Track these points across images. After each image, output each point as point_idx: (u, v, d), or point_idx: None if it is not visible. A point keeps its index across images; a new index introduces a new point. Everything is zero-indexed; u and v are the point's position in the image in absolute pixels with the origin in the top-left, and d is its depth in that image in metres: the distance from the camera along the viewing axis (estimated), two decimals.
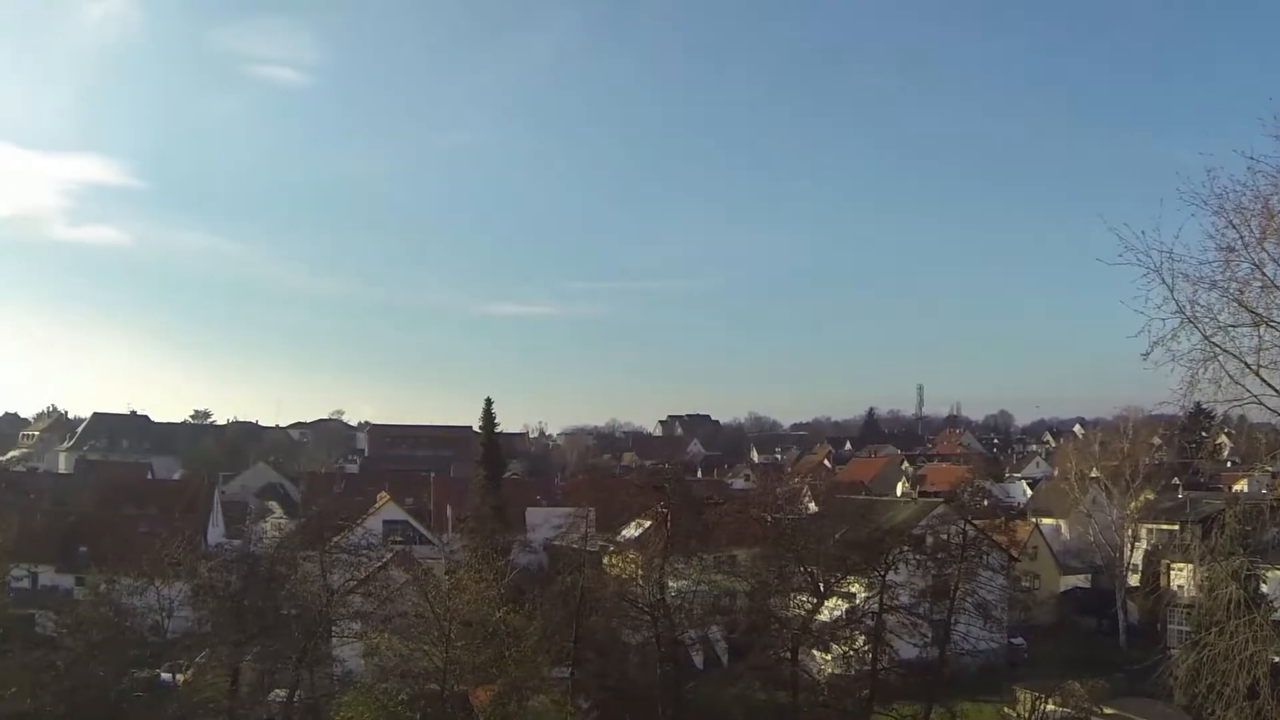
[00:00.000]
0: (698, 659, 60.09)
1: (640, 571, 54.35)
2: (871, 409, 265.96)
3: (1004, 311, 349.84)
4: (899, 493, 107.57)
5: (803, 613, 52.74)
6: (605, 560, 59.47)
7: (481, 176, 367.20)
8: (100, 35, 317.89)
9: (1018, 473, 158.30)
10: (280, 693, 47.55)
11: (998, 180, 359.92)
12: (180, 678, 51.94)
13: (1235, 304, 23.76)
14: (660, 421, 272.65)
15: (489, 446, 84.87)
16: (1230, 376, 23.85)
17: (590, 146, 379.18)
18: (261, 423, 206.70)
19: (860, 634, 50.97)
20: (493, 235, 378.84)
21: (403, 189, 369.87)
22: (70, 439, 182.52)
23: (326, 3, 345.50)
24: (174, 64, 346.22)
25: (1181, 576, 67.22)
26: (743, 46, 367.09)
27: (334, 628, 48.28)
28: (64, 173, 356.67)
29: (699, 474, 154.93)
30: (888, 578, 51.74)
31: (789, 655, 50.63)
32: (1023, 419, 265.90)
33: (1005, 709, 55.03)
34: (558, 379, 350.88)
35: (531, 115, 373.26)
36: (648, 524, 58.74)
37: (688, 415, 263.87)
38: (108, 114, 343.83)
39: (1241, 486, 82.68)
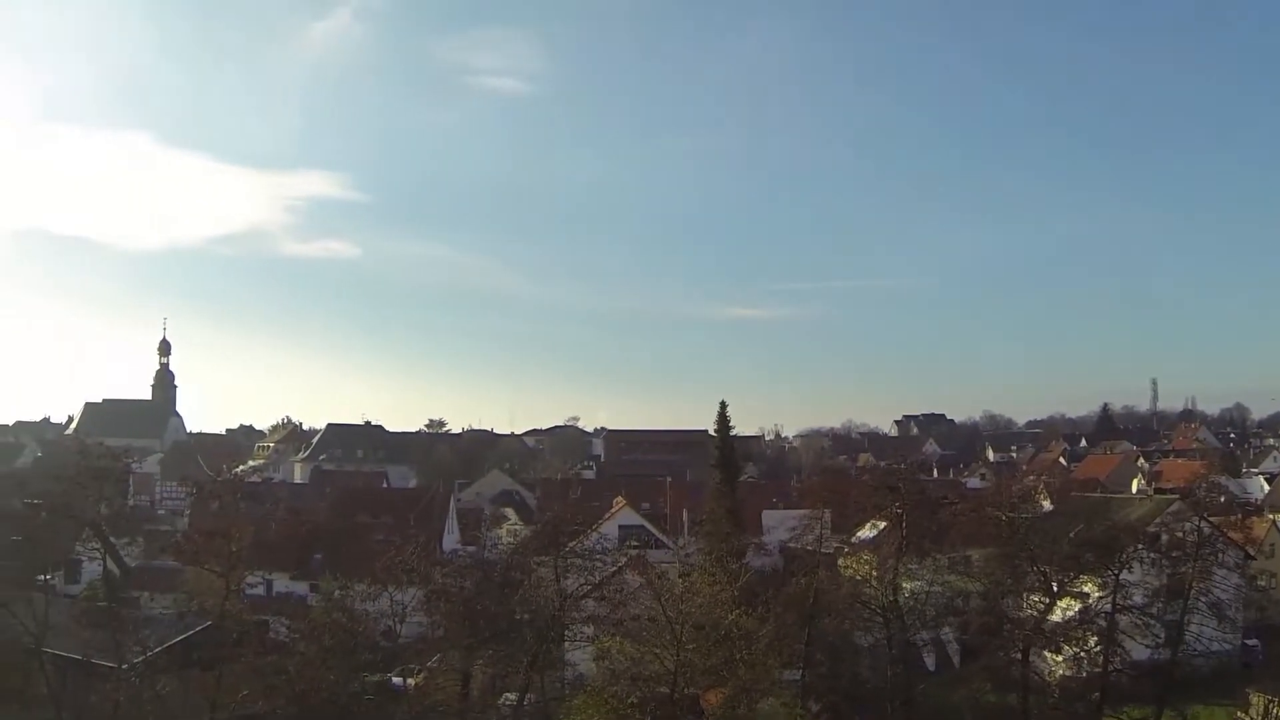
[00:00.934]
0: (929, 660, 62.27)
1: (874, 573, 57.04)
2: (1106, 405, 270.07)
3: (1238, 301, 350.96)
4: (1134, 490, 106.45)
5: (1035, 613, 54.53)
6: (840, 562, 62.02)
7: (702, 180, 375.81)
8: (324, 53, 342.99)
9: (1255, 468, 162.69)
10: (511, 696, 50.90)
11: (1227, 165, 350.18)
12: (411, 682, 55.99)
13: None
14: (895, 421, 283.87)
15: (724, 450, 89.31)
16: None
17: (810, 147, 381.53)
18: (496, 431, 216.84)
19: (1092, 634, 52.37)
20: (720, 238, 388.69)
21: (627, 194, 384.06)
22: (305, 450, 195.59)
23: (545, 13, 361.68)
24: (396, 77, 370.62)
25: None
26: (957, 39, 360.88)
27: (566, 632, 51.09)
28: (291, 189, 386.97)
29: (934, 473, 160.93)
30: (1121, 576, 53.29)
31: (1020, 656, 52.62)
32: (1260, 411, 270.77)
33: (1238, 713, 55.95)
34: (792, 381, 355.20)
35: (748, 117, 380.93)
36: (883, 525, 61.56)
37: (922, 415, 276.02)
38: (332, 130, 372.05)
39: None
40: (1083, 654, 52.54)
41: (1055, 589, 54.30)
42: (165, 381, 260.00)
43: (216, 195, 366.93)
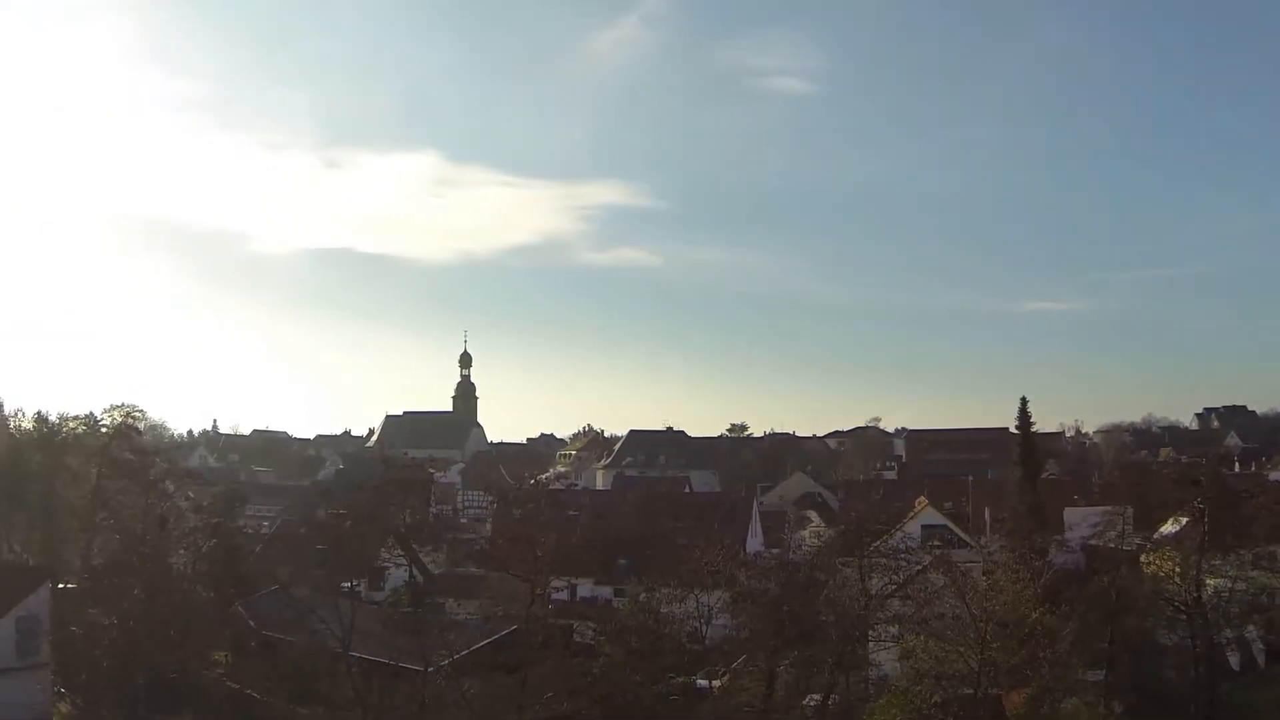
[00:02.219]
0: (1233, 660, 60.22)
1: (1177, 570, 56.23)
2: None
3: None
4: None
5: None
6: (1142, 559, 62.21)
7: (997, 172, 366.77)
8: (613, 62, 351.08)
9: None
10: (815, 697, 51.10)
11: None
12: (716, 683, 56.72)
13: None
14: (1196, 415, 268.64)
15: (1025, 447, 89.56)
16: None
17: (1108, 137, 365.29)
18: (797, 433, 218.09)
19: None
20: (1013, 232, 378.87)
21: (918, 189, 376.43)
22: (607, 457, 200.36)
23: (825, 11, 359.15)
24: (683, 83, 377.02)
25: None
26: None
27: (870, 632, 51.44)
28: (585, 199, 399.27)
29: (1235, 467, 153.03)
30: None
31: None
32: None
33: None
34: (1091, 375, 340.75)
35: (1043, 108, 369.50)
36: (1185, 521, 60.93)
37: (1223, 407, 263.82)
38: (623, 138, 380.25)
39: None
40: None
41: None
42: (467, 393, 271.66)
43: (509, 209, 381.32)
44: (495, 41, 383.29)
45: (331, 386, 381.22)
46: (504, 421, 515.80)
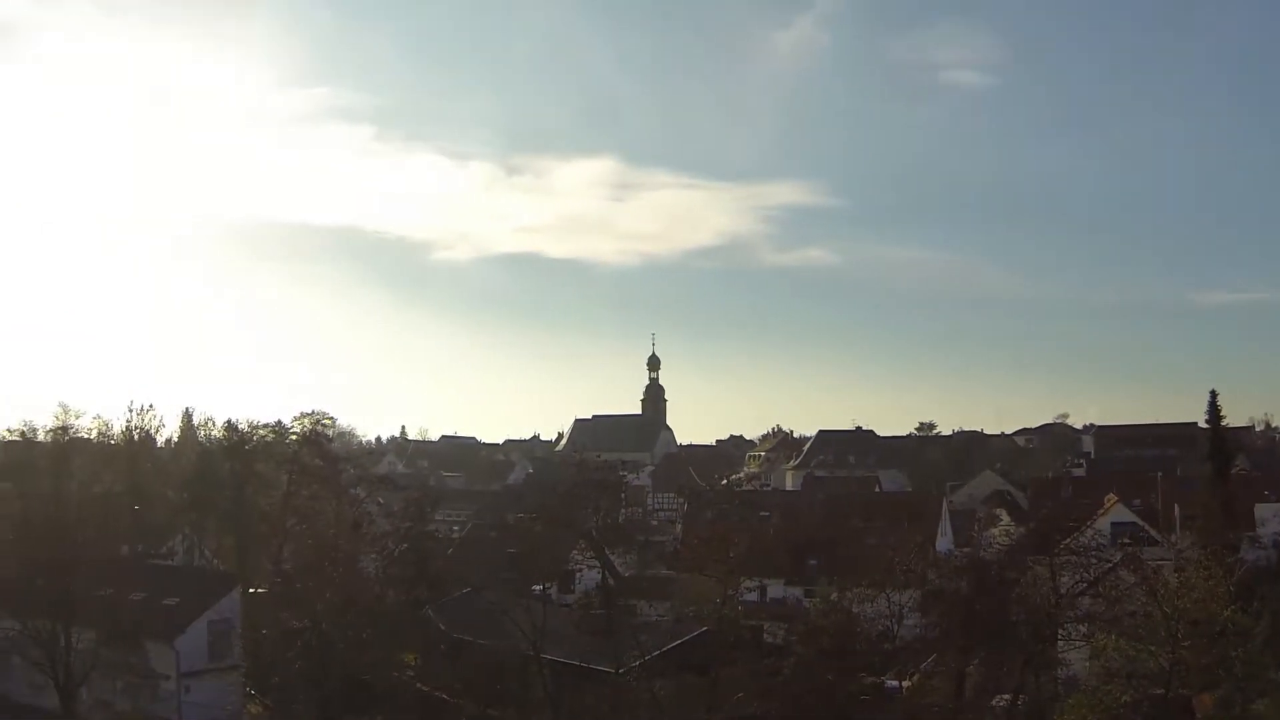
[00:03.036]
0: None
1: None
2: None
3: None
4: None
5: None
6: None
7: (1176, 164, 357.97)
8: (790, 60, 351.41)
9: None
10: (1004, 697, 50.86)
11: None
12: (905, 683, 56.66)
13: None
14: None
15: (1215, 442, 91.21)
16: None
17: None
18: (985, 431, 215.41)
19: None
20: (1195, 224, 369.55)
21: (1098, 181, 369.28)
22: (796, 458, 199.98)
23: (998, 1, 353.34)
24: (861, 80, 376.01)
25: None
26: None
27: (1060, 631, 51.11)
28: (767, 200, 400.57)
29: None
30: None
31: None
32: None
33: None
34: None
35: (1220, 97, 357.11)
36: None
37: None
38: (804, 137, 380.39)
39: None
40: None
41: None
42: (655, 395, 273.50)
43: (692, 211, 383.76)
44: (674, 44, 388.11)
45: (520, 391, 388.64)
46: (693, 423, 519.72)
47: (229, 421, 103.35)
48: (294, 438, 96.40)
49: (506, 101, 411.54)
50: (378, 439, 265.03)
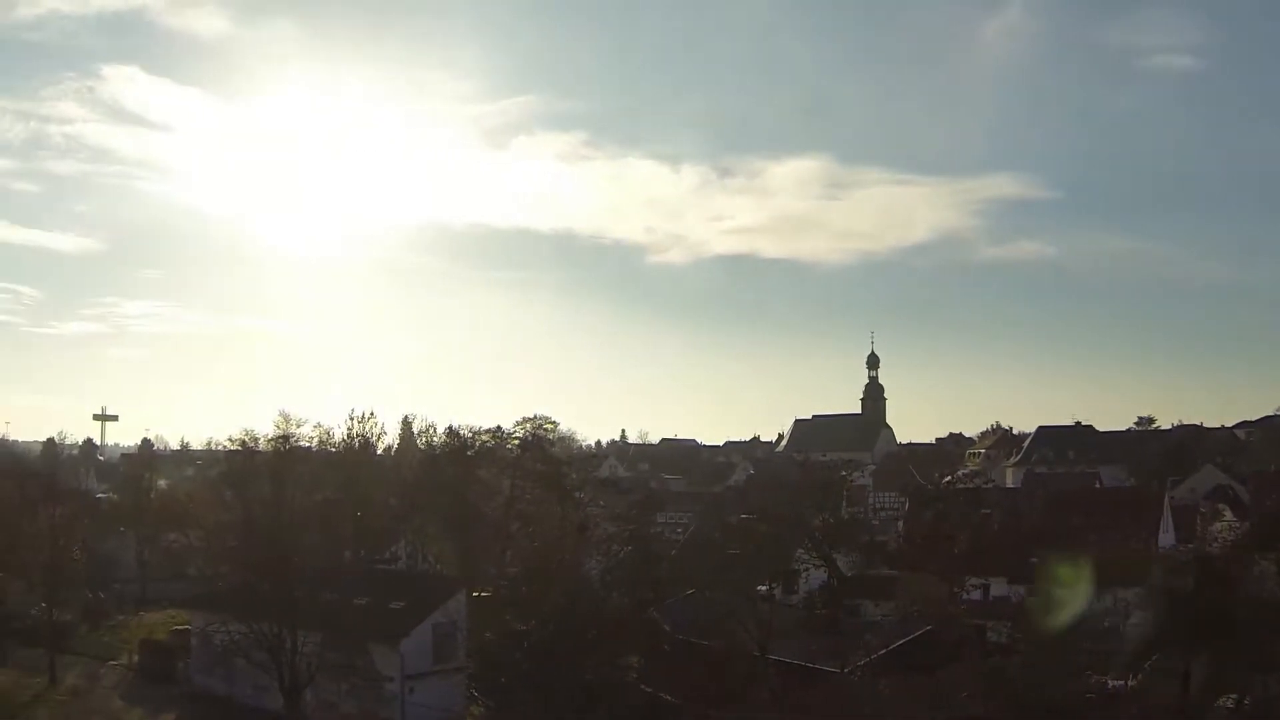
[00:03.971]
0: None
1: None
2: None
3: None
4: None
5: None
6: None
7: None
8: (1000, 51, 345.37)
9: None
10: (1231, 697, 49.33)
11: None
12: (1130, 683, 55.31)
13: None
14: None
15: None
16: None
17: None
18: (1205, 424, 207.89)
19: None
20: None
21: None
22: (1016, 454, 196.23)
23: None
24: (1071, 68, 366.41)
25: None
26: None
27: None
28: (980, 193, 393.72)
29: None
30: None
31: None
32: None
33: None
34: None
35: None
36: None
37: None
38: (1015, 128, 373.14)
39: None
40: None
41: None
42: (875, 394, 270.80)
43: (905, 207, 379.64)
44: (882, 38, 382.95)
45: (739, 393, 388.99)
46: (912, 421, 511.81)
47: (450, 427, 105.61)
48: (515, 442, 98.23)
49: (716, 103, 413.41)
50: (598, 443, 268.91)
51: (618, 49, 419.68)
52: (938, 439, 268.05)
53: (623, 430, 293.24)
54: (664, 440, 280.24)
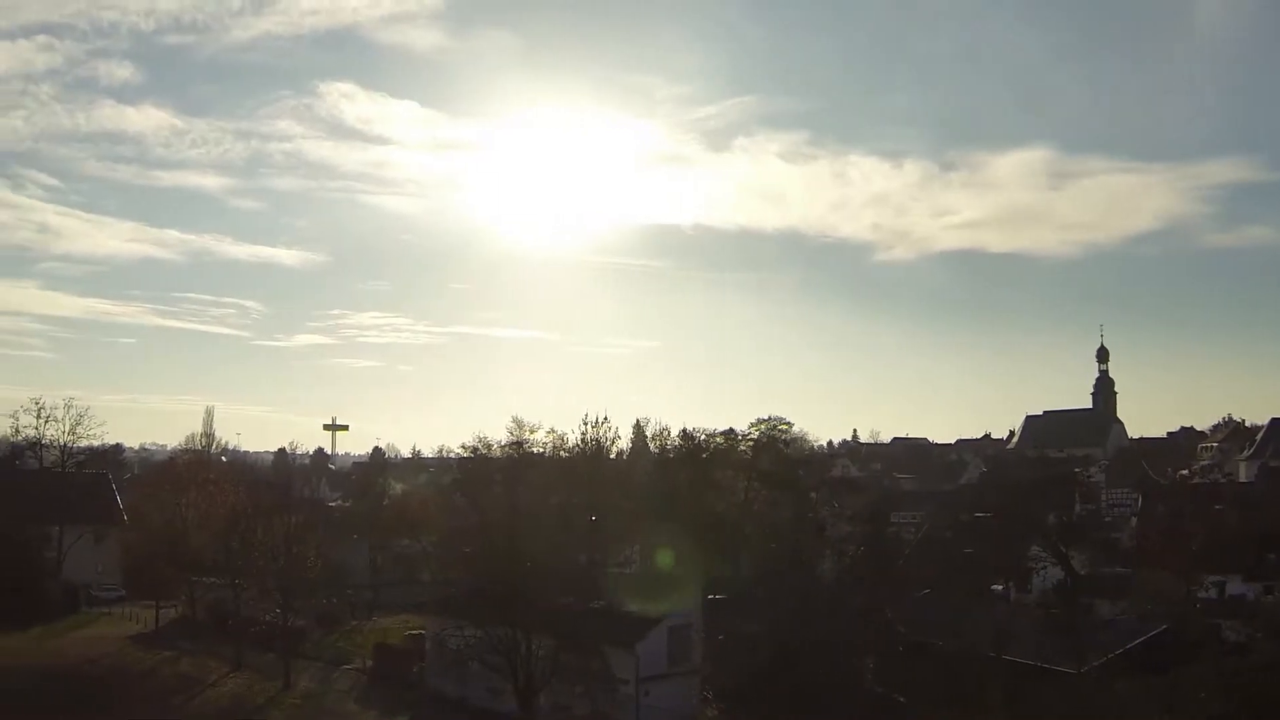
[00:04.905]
0: None
1: None
2: None
3: None
4: None
5: None
6: None
7: None
8: (1219, 29, 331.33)
9: None
10: None
11: None
12: None
13: None
14: None
15: None
16: None
17: None
18: None
19: None
20: None
21: None
22: (1250, 447, 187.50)
23: None
24: None
25: None
26: None
27: None
28: (1204, 179, 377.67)
29: None
30: None
31: None
32: None
33: None
34: None
35: None
36: None
37: None
38: (1238, 109, 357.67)
39: None
40: None
41: None
42: (1105, 388, 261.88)
43: (1129, 195, 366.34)
44: (1100, 23, 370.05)
45: (968, 390, 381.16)
46: (1143, 415, 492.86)
47: (684, 430, 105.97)
48: (749, 444, 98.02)
49: (936, 96, 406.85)
50: (829, 443, 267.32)
51: (836, 45, 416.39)
52: (1169, 433, 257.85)
53: (854, 430, 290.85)
54: (895, 439, 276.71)
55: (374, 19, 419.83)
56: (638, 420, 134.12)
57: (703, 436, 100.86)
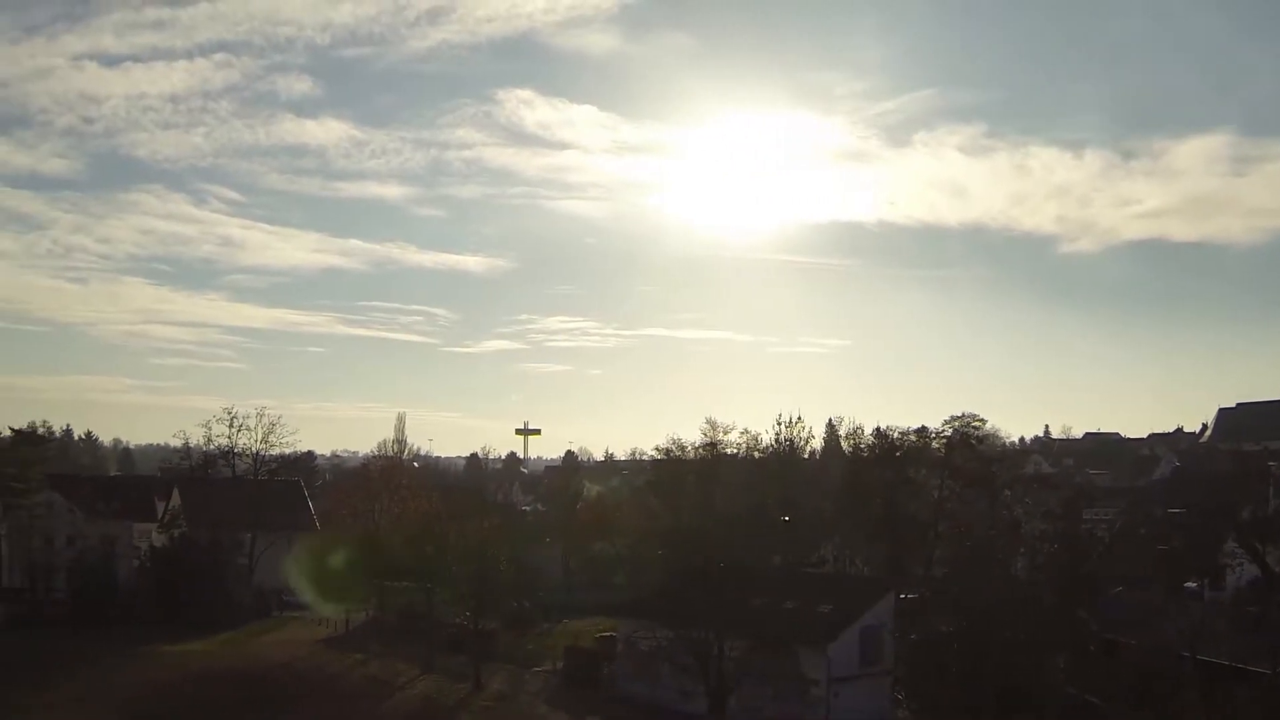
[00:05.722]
0: None
1: None
2: None
3: None
4: None
5: None
6: None
7: None
8: None
9: None
10: None
11: None
12: None
13: None
14: None
15: None
16: None
17: None
18: None
19: None
20: None
21: None
22: None
23: None
24: None
25: None
26: None
27: None
28: None
29: None
30: None
31: None
32: None
33: None
34: None
35: None
36: None
37: None
38: None
39: None
40: None
41: None
42: None
43: None
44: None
45: (1158, 382, 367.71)
46: None
47: (877, 429, 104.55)
48: (941, 441, 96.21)
49: (1116, 84, 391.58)
50: (1021, 439, 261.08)
51: (1013, 34, 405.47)
52: None
53: (1045, 426, 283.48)
54: (1087, 434, 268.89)
55: (550, 24, 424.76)
56: (830, 419, 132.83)
57: (896, 435, 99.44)
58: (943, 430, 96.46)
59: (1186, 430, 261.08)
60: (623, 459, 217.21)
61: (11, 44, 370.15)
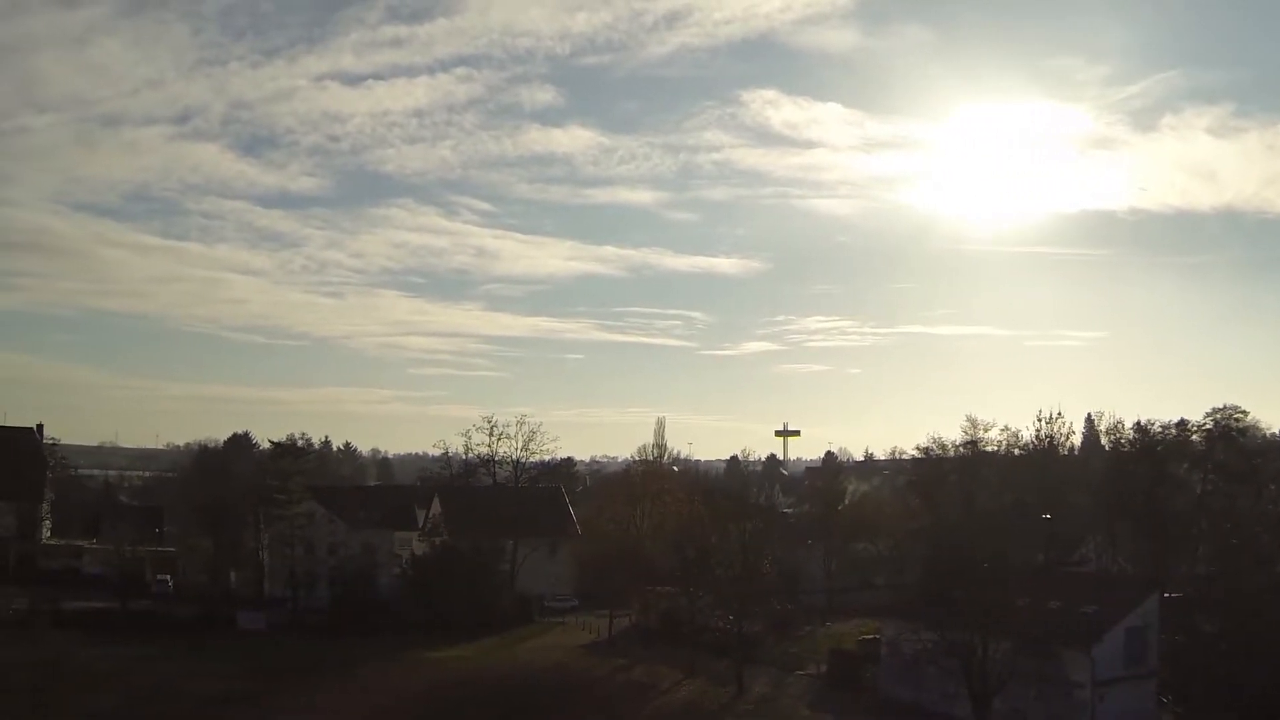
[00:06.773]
0: None
1: None
2: None
3: None
4: None
5: None
6: None
7: None
8: None
9: None
10: None
11: None
12: None
13: None
14: None
15: None
16: None
17: None
18: None
19: None
20: None
21: None
22: None
23: None
24: None
25: None
26: None
27: None
28: None
29: None
30: None
31: None
32: None
33: None
34: None
35: None
36: None
37: None
38: None
39: None
40: None
41: None
42: None
43: None
44: None
45: None
46: None
47: (1138, 423, 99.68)
48: (1201, 434, 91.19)
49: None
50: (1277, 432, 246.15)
51: (1256, 9, 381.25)
52: None
53: None
54: None
55: (787, 23, 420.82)
56: (1089, 414, 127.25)
57: (1156, 429, 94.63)
58: (1203, 423, 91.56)
59: None
60: (882, 459, 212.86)
61: (252, 68, 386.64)
